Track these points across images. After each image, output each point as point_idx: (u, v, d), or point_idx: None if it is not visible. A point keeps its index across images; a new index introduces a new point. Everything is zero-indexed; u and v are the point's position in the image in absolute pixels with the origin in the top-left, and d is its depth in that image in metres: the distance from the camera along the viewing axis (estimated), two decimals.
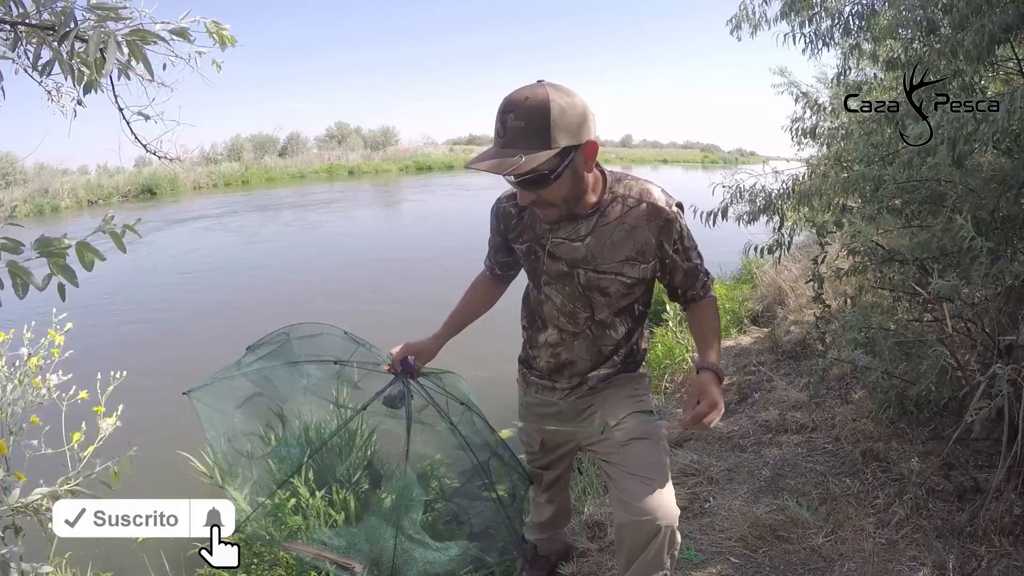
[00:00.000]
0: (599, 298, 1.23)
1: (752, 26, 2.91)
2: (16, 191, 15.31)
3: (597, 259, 1.20)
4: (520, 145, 1.01)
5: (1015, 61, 1.88)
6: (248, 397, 1.33)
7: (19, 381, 1.28)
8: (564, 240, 1.21)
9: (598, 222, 1.18)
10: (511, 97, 1.02)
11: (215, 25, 1.19)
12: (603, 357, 1.30)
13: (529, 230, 1.26)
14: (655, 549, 1.16)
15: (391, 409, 1.30)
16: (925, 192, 1.78)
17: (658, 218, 1.17)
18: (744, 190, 2.39)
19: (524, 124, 1.00)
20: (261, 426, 1.36)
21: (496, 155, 1.02)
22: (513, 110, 1.01)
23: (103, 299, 5.64)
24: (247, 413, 1.33)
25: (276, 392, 1.37)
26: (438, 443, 1.36)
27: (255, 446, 1.34)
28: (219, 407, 1.29)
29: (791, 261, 4.60)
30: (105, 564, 2.00)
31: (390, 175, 23.24)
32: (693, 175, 23.15)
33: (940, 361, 1.59)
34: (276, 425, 1.40)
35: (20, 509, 1.03)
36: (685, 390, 3.06)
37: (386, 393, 1.30)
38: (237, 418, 1.31)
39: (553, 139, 1.01)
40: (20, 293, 0.83)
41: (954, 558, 1.52)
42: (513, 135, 1.01)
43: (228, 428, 1.30)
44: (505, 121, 1.01)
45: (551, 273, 1.25)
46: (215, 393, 1.29)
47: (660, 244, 1.19)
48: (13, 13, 0.99)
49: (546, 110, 1.00)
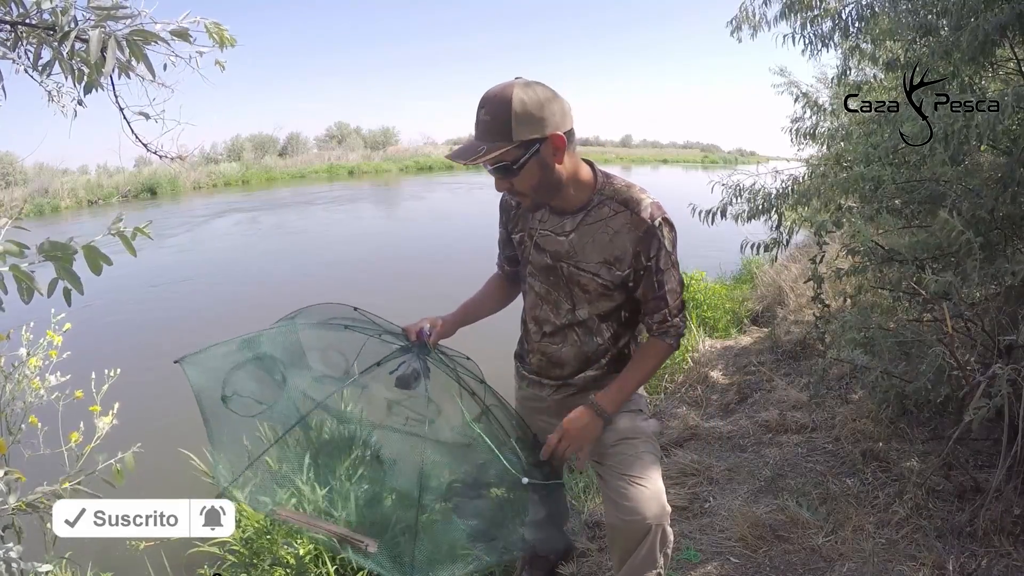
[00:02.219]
0: (579, 292, 1.25)
1: (752, 27, 2.92)
2: (16, 191, 15.30)
3: (578, 255, 1.22)
4: (485, 138, 1.08)
5: (1015, 61, 1.88)
6: (246, 361, 1.21)
7: (18, 381, 1.28)
8: (550, 233, 1.24)
9: (583, 220, 1.21)
10: (486, 93, 1.09)
11: (215, 26, 1.19)
12: (590, 361, 1.31)
13: (523, 222, 1.30)
14: (647, 548, 1.18)
15: (405, 391, 1.16)
16: (925, 192, 1.78)
17: (638, 228, 1.17)
18: (743, 189, 2.40)
19: (490, 118, 1.07)
20: (257, 389, 1.20)
21: (466, 146, 1.11)
22: (484, 105, 1.08)
23: (106, 299, 5.67)
24: (244, 376, 1.20)
25: (276, 361, 1.25)
26: (460, 430, 1.22)
27: (250, 409, 1.18)
28: (213, 372, 1.18)
29: (791, 261, 4.61)
30: (105, 564, 2.00)
31: (390, 175, 23.24)
32: (693, 175, 23.16)
33: (940, 361, 1.59)
34: (274, 389, 1.23)
35: (20, 509, 1.03)
36: (686, 390, 3.07)
37: (399, 373, 1.16)
38: (233, 380, 1.19)
39: (514, 131, 1.06)
40: (25, 298, 0.83)
41: (954, 558, 1.52)
42: (482, 128, 1.08)
43: (221, 391, 1.18)
44: (478, 116, 1.09)
45: (536, 264, 1.27)
46: (210, 359, 1.19)
47: (636, 254, 1.19)
48: (13, 13, 0.99)
49: (508, 105, 1.06)
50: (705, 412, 2.76)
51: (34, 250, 0.82)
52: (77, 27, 0.94)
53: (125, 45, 0.94)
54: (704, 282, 4.31)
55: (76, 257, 0.84)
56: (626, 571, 1.21)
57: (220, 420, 1.16)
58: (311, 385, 1.26)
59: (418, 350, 1.20)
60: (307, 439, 1.36)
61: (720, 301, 4.19)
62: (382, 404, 1.27)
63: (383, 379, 1.19)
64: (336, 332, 1.23)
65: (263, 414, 1.19)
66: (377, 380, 1.21)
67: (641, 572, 1.20)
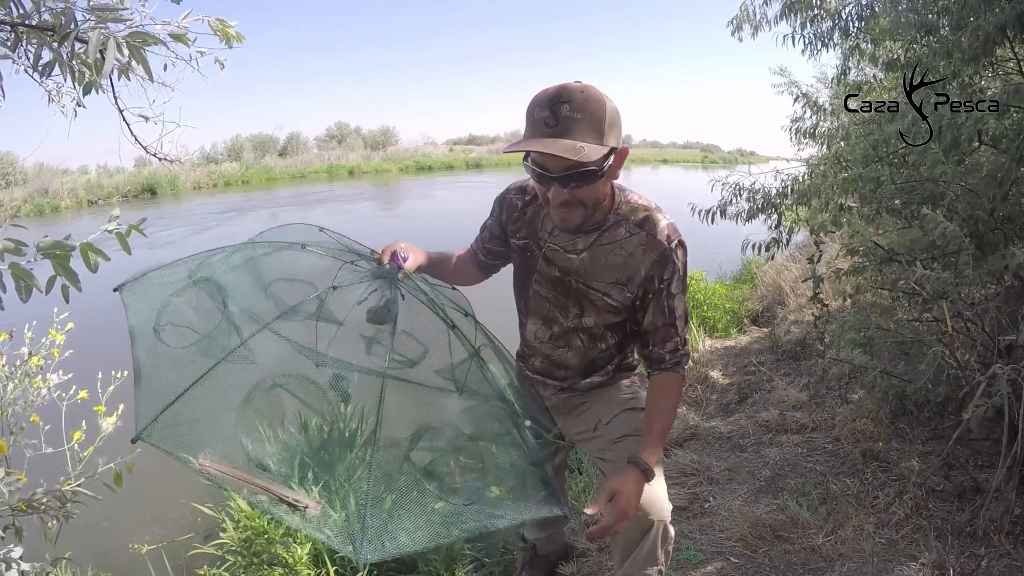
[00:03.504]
0: (588, 304, 1.23)
1: (753, 27, 2.92)
2: (16, 191, 15.30)
3: (588, 275, 1.19)
4: (576, 137, 0.97)
5: (1015, 61, 1.88)
6: (189, 285, 1.00)
7: (19, 380, 1.28)
8: (559, 248, 1.20)
9: (597, 240, 1.17)
10: (564, 88, 0.99)
11: (220, 23, 1.18)
12: (595, 367, 1.30)
13: (529, 227, 1.25)
14: (649, 544, 1.17)
15: (378, 326, 0.95)
16: (924, 192, 1.78)
17: (654, 251, 1.15)
18: (743, 188, 2.40)
19: (581, 116, 0.97)
20: (195, 318, 0.99)
21: (550, 141, 0.97)
22: (568, 101, 0.97)
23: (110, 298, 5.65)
24: (183, 304, 1.00)
25: (222, 287, 1.02)
26: (445, 372, 1.01)
27: (183, 339, 0.97)
28: (152, 299, 1.00)
29: (791, 261, 4.60)
30: (105, 564, 2.00)
31: (390, 175, 23.24)
32: (693, 175, 23.15)
33: (939, 361, 1.59)
34: (215, 318, 0.99)
35: (21, 510, 1.03)
36: (686, 390, 3.06)
37: (371, 304, 0.96)
38: (169, 309, 0.99)
39: (605, 135, 0.99)
40: (23, 296, 0.83)
41: (954, 558, 1.52)
42: (567, 125, 0.97)
43: (157, 320, 0.98)
44: (557, 112, 0.97)
45: (545, 275, 1.24)
46: (151, 284, 1.02)
47: (649, 277, 1.16)
48: (14, 14, 0.99)
49: (602, 105, 0.98)
50: (705, 412, 2.76)
51: (33, 248, 0.83)
52: (77, 28, 0.95)
53: (124, 46, 0.94)
54: (704, 282, 4.31)
55: (73, 254, 0.85)
56: (628, 567, 1.21)
57: (156, 358, 0.96)
58: (261, 310, 1.01)
59: (391, 275, 0.99)
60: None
61: (720, 301, 4.19)
62: (357, 343, 1.01)
63: (357, 312, 0.97)
64: (305, 258, 1.03)
65: (197, 344, 0.97)
66: (345, 311, 0.98)
67: (643, 568, 1.19)
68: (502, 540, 1.98)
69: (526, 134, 1.02)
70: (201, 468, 0.93)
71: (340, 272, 1.00)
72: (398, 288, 0.97)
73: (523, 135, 1.03)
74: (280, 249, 1.05)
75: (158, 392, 0.95)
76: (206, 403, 0.97)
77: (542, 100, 0.99)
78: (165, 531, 2.28)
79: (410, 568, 1.75)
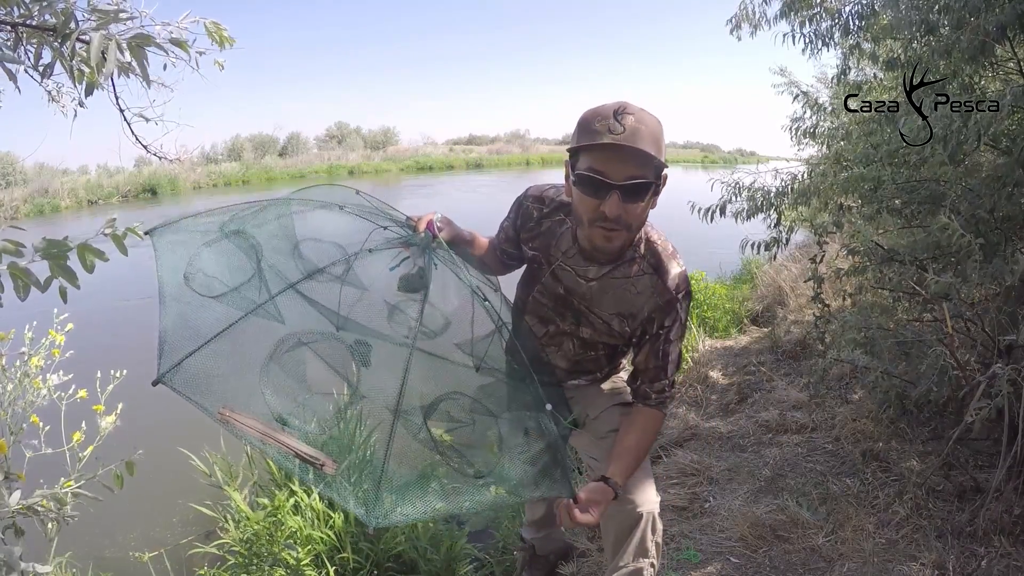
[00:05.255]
0: (586, 321, 1.23)
1: (752, 26, 2.91)
2: (16, 191, 15.30)
3: (593, 301, 1.20)
4: (642, 147, 0.96)
5: (1015, 61, 1.88)
6: (220, 237, 0.99)
7: (19, 380, 1.28)
8: (571, 270, 1.19)
9: (610, 273, 1.16)
10: (623, 102, 0.99)
11: (215, 26, 1.19)
12: (583, 371, 1.32)
13: (543, 240, 1.23)
14: (639, 536, 1.18)
15: (406, 293, 0.96)
16: (925, 192, 1.78)
17: (660, 297, 1.15)
18: (743, 187, 2.40)
19: (646, 129, 0.97)
20: (225, 270, 0.98)
21: (628, 143, 0.96)
22: (632, 113, 0.97)
23: (113, 298, 5.67)
24: (214, 254, 0.99)
25: (256, 243, 1.01)
26: (467, 347, 1.03)
27: (211, 289, 0.96)
28: (182, 247, 0.99)
29: (791, 261, 4.61)
30: (105, 565, 2.00)
31: (390, 175, 23.24)
32: (693, 175, 23.15)
33: (940, 361, 1.59)
34: (245, 271, 0.98)
35: (21, 512, 1.03)
36: (686, 390, 3.06)
37: (403, 271, 0.96)
38: (200, 257, 0.98)
39: (663, 152, 1.00)
40: (21, 295, 0.83)
41: (954, 558, 1.52)
42: (634, 135, 0.96)
43: (188, 267, 0.97)
44: (623, 121, 0.97)
45: (548, 288, 1.24)
46: (182, 231, 1.01)
47: (651, 319, 1.17)
48: (15, 14, 0.99)
49: (659, 124, 0.99)
50: (705, 412, 2.76)
51: (31, 248, 0.83)
52: (78, 28, 0.95)
53: (125, 47, 0.94)
54: (704, 282, 4.31)
55: (70, 254, 0.85)
56: (619, 558, 1.21)
57: (183, 305, 0.96)
58: (289, 269, 1.02)
59: (426, 244, 0.98)
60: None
61: (720, 301, 4.19)
62: (380, 309, 1.02)
63: (384, 278, 0.96)
64: (333, 220, 1.02)
65: (225, 296, 0.97)
66: (372, 276, 0.98)
67: (634, 559, 1.20)
68: (502, 540, 1.99)
69: (587, 142, 0.99)
70: (221, 417, 0.92)
71: (372, 236, 1.00)
72: (432, 257, 0.96)
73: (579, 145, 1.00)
74: (315, 208, 1.04)
75: (182, 339, 0.94)
76: (230, 355, 0.97)
77: (605, 111, 0.98)
78: (165, 531, 2.29)
79: (411, 568, 1.75)
